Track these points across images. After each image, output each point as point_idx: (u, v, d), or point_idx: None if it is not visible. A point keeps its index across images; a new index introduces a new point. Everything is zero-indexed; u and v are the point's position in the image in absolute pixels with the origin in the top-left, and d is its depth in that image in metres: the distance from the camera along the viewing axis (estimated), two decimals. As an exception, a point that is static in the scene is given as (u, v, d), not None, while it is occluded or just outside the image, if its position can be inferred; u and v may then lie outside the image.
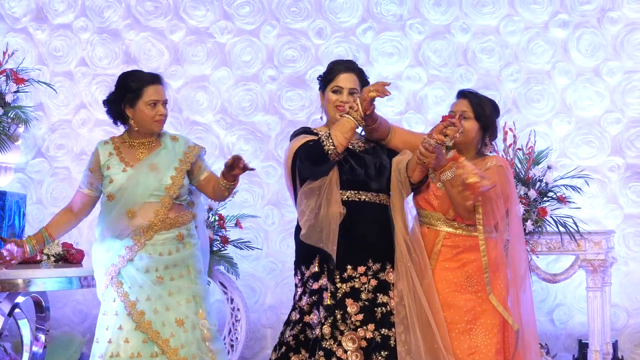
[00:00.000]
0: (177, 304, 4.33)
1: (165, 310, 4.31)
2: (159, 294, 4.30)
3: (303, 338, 4.12)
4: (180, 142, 4.50)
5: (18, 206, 5.36)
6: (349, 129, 4.07)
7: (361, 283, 4.09)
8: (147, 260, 4.31)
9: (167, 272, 4.35)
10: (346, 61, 4.40)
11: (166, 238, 4.35)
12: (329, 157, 4.06)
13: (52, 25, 6.67)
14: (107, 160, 4.40)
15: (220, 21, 6.73)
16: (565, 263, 6.14)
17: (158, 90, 4.39)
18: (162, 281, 4.32)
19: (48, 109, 6.57)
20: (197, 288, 4.44)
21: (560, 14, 6.68)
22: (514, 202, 4.29)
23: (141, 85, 4.37)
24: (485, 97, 4.31)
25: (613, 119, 6.62)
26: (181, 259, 4.39)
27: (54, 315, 5.77)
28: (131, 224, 4.31)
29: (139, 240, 4.30)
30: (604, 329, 5.88)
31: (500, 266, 4.19)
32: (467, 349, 4.09)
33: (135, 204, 4.32)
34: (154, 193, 4.34)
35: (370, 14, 6.76)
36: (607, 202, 6.57)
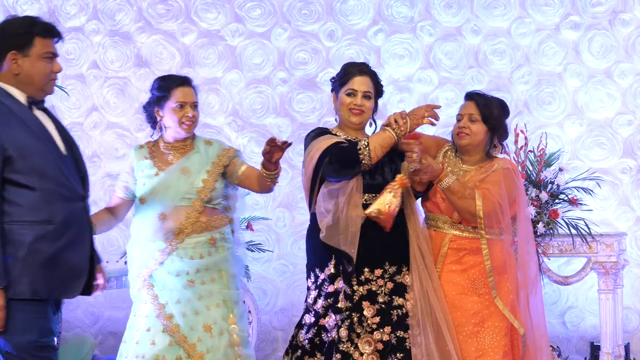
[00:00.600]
0: (207, 308, 4.31)
1: (194, 314, 4.29)
2: (189, 297, 4.29)
3: (318, 341, 4.13)
4: (214, 146, 4.49)
5: (30, 208, 5.36)
6: (388, 144, 4.13)
7: (378, 286, 4.10)
8: (178, 263, 4.30)
9: (198, 276, 4.32)
10: (360, 64, 4.40)
11: (197, 241, 4.33)
12: (361, 166, 4.09)
13: (63, 28, 6.68)
14: (140, 164, 4.42)
15: (232, 24, 6.74)
16: (577, 265, 6.12)
17: (186, 92, 4.38)
18: (193, 285, 4.30)
19: (60, 112, 6.59)
20: (229, 293, 4.40)
21: (571, 16, 6.67)
22: (522, 205, 4.29)
23: (169, 87, 4.38)
24: (493, 98, 4.31)
25: (625, 121, 6.60)
26: (213, 263, 4.36)
27: (66, 317, 5.79)
28: (163, 227, 4.31)
29: (171, 243, 4.29)
30: (615, 331, 5.87)
31: (509, 268, 4.19)
32: (475, 351, 4.09)
33: (166, 207, 4.32)
34: (185, 196, 4.33)
35: (381, 16, 6.76)
36: (618, 204, 6.56)
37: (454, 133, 4.32)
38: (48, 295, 3.48)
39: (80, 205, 3.59)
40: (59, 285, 3.50)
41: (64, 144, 3.61)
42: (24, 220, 3.41)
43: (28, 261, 3.40)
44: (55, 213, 3.45)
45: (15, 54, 3.51)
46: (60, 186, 3.50)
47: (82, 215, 3.60)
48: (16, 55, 3.51)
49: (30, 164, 3.43)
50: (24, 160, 3.43)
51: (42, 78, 3.55)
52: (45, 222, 3.43)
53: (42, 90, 3.59)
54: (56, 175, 3.49)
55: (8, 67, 3.52)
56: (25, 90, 3.54)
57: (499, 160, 4.30)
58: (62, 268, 3.48)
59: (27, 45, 3.51)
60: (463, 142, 4.25)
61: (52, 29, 3.59)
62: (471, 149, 4.27)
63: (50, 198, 3.45)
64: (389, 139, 4.11)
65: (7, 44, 3.52)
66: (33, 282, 3.41)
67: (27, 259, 3.40)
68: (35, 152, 3.46)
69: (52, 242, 3.44)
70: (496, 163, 4.27)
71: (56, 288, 3.50)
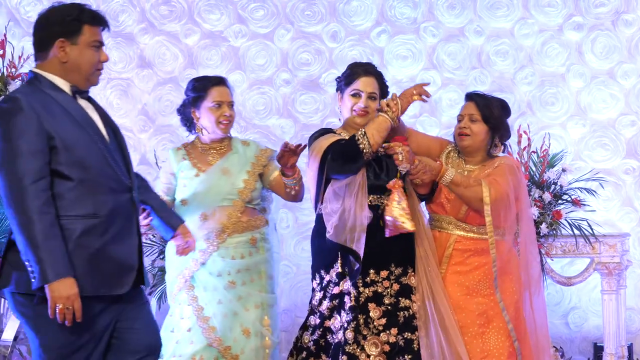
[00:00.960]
0: (245, 309, 4.35)
1: (233, 315, 4.33)
2: (229, 298, 4.32)
3: (324, 343, 4.13)
4: (252, 146, 4.53)
5: (34, 209, 5.37)
6: (384, 128, 4.10)
7: (384, 287, 4.10)
8: (220, 263, 4.34)
9: (238, 276, 4.37)
10: (366, 64, 4.40)
11: (239, 241, 4.38)
12: (363, 155, 4.07)
13: (67, 30, 6.69)
14: (179, 166, 4.45)
15: (235, 25, 6.75)
16: (580, 266, 6.12)
17: (222, 92, 4.43)
18: (234, 286, 4.35)
19: (63, 113, 6.59)
20: (267, 296, 4.45)
21: (574, 17, 6.66)
22: (525, 205, 4.29)
23: (205, 87, 4.42)
24: (493, 98, 4.32)
25: (628, 121, 6.60)
26: (253, 264, 4.41)
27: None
28: (204, 227, 4.36)
29: (212, 243, 4.34)
30: (619, 332, 5.86)
31: (513, 269, 4.19)
32: (480, 352, 4.09)
33: (208, 207, 4.36)
34: (226, 197, 4.38)
35: (384, 17, 6.76)
36: (622, 205, 6.56)
37: (455, 134, 4.33)
38: (94, 291, 3.35)
39: (127, 197, 3.48)
40: (106, 281, 3.39)
41: (108, 134, 3.51)
42: (69, 214, 3.32)
43: (75, 256, 3.30)
44: (101, 206, 3.36)
45: (63, 41, 3.41)
46: (106, 178, 3.40)
47: (129, 207, 3.49)
48: (64, 43, 3.41)
49: (74, 155, 3.34)
50: (68, 152, 3.33)
51: (89, 67, 3.46)
52: (91, 215, 3.34)
53: (88, 80, 3.48)
54: (101, 167, 3.40)
55: (55, 54, 3.43)
56: (71, 79, 3.44)
57: (500, 157, 4.32)
58: (109, 263, 3.38)
59: (76, 33, 3.42)
60: (464, 143, 4.27)
61: (99, 17, 3.51)
62: (472, 150, 4.28)
63: (95, 190, 3.36)
64: (383, 122, 4.11)
65: (54, 31, 3.42)
66: (80, 277, 3.30)
67: (73, 254, 3.30)
68: (79, 143, 3.36)
69: (98, 236, 3.35)
70: (498, 160, 4.28)
71: (103, 284, 3.38)
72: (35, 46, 3.50)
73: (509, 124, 4.40)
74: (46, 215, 3.24)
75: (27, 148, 3.26)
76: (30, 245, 3.23)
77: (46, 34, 3.44)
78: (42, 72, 3.45)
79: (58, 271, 3.22)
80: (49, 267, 3.21)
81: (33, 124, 3.29)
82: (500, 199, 4.10)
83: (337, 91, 4.36)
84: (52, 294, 3.22)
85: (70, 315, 3.24)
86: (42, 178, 3.27)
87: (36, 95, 3.38)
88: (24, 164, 3.25)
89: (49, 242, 3.22)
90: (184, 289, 4.36)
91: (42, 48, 3.46)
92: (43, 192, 3.26)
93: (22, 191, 3.25)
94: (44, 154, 3.28)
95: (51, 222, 3.25)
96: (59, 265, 3.23)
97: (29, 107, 3.31)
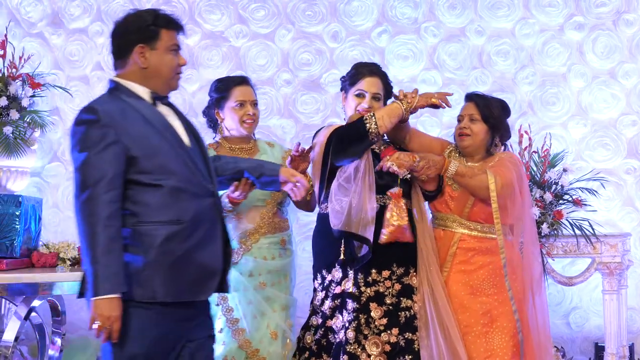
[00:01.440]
0: (273, 311, 4.37)
1: (262, 316, 4.34)
2: (259, 299, 4.34)
3: (325, 343, 4.12)
4: (277, 148, 4.59)
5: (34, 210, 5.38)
6: (396, 114, 4.09)
7: (385, 287, 4.10)
8: (251, 263, 4.35)
9: (268, 278, 4.39)
10: (371, 64, 4.40)
11: (271, 242, 4.41)
12: (368, 135, 4.04)
13: (67, 30, 6.69)
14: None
15: (236, 25, 6.74)
16: (581, 266, 6.11)
17: (245, 91, 4.47)
18: (264, 287, 4.37)
19: (64, 114, 6.59)
20: (289, 298, 4.49)
21: (575, 17, 6.66)
22: (527, 204, 4.30)
23: (228, 87, 4.45)
24: (493, 99, 4.33)
25: (629, 121, 6.60)
26: (282, 266, 4.45)
27: (70, 319, 5.78)
28: (238, 228, 4.38)
29: (245, 243, 4.36)
30: (620, 332, 5.86)
31: (516, 268, 4.19)
32: (484, 352, 4.09)
33: (242, 207, 4.33)
34: (260, 197, 4.39)
35: (385, 17, 6.76)
36: (623, 205, 6.55)
37: (456, 134, 4.35)
38: (178, 297, 3.37)
39: (210, 202, 3.50)
40: (189, 287, 3.40)
41: (190, 139, 3.54)
42: (153, 220, 3.34)
43: (158, 262, 3.32)
44: (184, 211, 3.38)
45: (142, 47, 3.45)
46: (188, 183, 3.42)
47: (213, 212, 3.51)
48: (143, 49, 3.45)
49: (155, 162, 3.36)
50: (148, 159, 3.36)
51: (169, 71, 3.50)
52: (174, 221, 3.36)
53: (168, 84, 3.53)
54: (183, 173, 3.42)
55: (134, 61, 3.47)
56: (152, 85, 3.49)
57: (500, 152, 4.34)
58: (192, 269, 3.40)
59: (154, 38, 3.46)
60: (465, 143, 4.29)
61: (175, 21, 3.56)
62: (473, 150, 4.30)
63: (178, 196, 3.38)
64: (396, 109, 4.10)
65: (133, 38, 3.46)
66: (165, 283, 3.32)
67: (157, 261, 3.32)
68: (159, 150, 3.39)
69: (182, 241, 3.37)
70: (498, 155, 4.31)
71: (187, 289, 3.40)
72: (113, 55, 3.54)
73: (510, 124, 4.40)
74: (110, 229, 3.26)
75: (100, 158, 3.29)
76: (89, 256, 3.25)
77: (125, 42, 3.48)
78: (121, 81, 3.50)
79: (108, 288, 3.24)
80: (101, 282, 3.23)
81: (109, 134, 3.31)
82: (507, 186, 4.11)
83: (342, 90, 4.36)
84: (95, 310, 3.24)
85: (107, 334, 3.26)
86: (113, 189, 3.29)
87: (115, 104, 3.42)
88: (96, 175, 3.28)
89: (107, 257, 3.24)
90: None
91: (121, 56, 3.51)
92: (112, 204, 3.28)
93: (91, 201, 3.27)
94: (118, 165, 3.31)
95: (113, 236, 3.27)
96: (111, 282, 3.24)
97: (107, 118, 3.33)
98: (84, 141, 3.30)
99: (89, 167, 3.29)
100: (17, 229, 5.10)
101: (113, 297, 3.23)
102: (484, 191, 4.10)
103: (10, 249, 5.01)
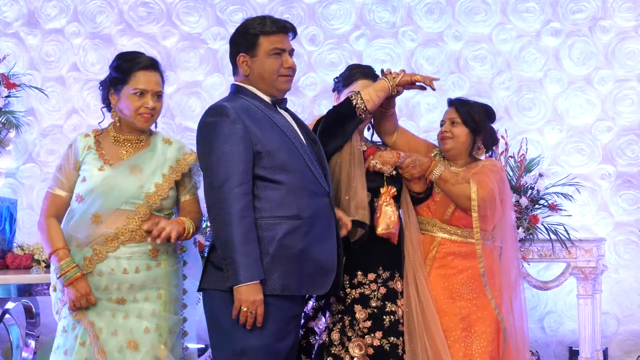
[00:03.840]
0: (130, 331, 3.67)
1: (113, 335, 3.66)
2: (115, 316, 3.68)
3: (305, 344, 4.10)
4: (174, 147, 3.86)
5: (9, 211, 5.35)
6: (380, 88, 4.05)
7: (371, 290, 4.08)
8: (107, 275, 3.66)
9: (130, 293, 3.69)
10: (365, 66, 4.39)
11: (134, 252, 3.69)
12: (356, 112, 4.01)
13: (43, 30, 6.65)
14: (84, 155, 3.77)
15: (213, 27, 6.72)
16: (556, 270, 6.15)
17: (150, 79, 3.75)
18: (124, 303, 3.69)
19: (39, 114, 6.55)
20: (166, 317, 3.76)
21: (552, 23, 6.70)
22: (508, 208, 4.31)
23: (130, 69, 3.74)
24: (476, 104, 4.34)
25: (604, 127, 6.64)
26: (152, 280, 3.72)
27: (44, 321, 5.74)
28: (94, 232, 3.67)
29: (100, 251, 3.66)
30: (594, 336, 5.89)
31: (495, 273, 4.20)
32: (462, 356, 4.09)
33: (104, 209, 3.66)
34: (130, 200, 3.68)
35: (363, 21, 6.76)
36: (598, 210, 6.59)
37: (438, 138, 4.36)
38: (298, 290, 3.53)
39: (326, 201, 3.65)
40: (309, 281, 3.55)
41: (306, 141, 3.68)
42: (274, 215, 3.48)
43: (278, 256, 3.47)
44: (303, 208, 3.52)
45: (243, 55, 3.65)
46: (307, 181, 3.57)
47: (328, 210, 3.65)
48: (245, 57, 3.65)
49: (277, 159, 3.51)
50: (271, 156, 3.50)
51: (272, 75, 3.64)
52: (295, 217, 3.51)
53: (274, 87, 3.67)
54: (303, 171, 3.56)
55: (241, 69, 3.67)
56: (262, 90, 3.66)
57: (484, 160, 4.35)
58: (310, 263, 3.54)
59: (253, 46, 3.63)
60: (446, 146, 4.30)
61: (279, 25, 3.69)
62: (455, 153, 4.31)
63: (298, 193, 3.53)
64: (381, 84, 4.05)
65: (236, 48, 3.68)
66: (283, 277, 3.47)
67: (277, 255, 3.47)
68: (282, 148, 3.53)
69: (301, 237, 3.51)
70: (482, 163, 4.32)
71: (305, 284, 3.54)
72: (231, 63, 3.75)
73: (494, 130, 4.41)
74: (245, 219, 3.42)
75: (231, 153, 3.44)
76: (227, 247, 3.40)
77: (232, 52, 3.71)
78: (242, 84, 3.69)
79: (249, 275, 3.39)
80: (242, 269, 3.38)
81: (238, 130, 3.47)
82: (488, 198, 4.11)
83: (334, 91, 4.35)
84: (240, 296, 3.40)
85: (252, 319, 3.41)
86: (244, 182, 3.44)
87: (240, 102, 3.57)
88: (227, 168, 3.43)
89: (245, 246, 3.39)
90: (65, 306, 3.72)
91: (233, 64, 3.73)
92: (244, 197, 3.43)
93: (224, 194, 3.42)
94: (248, 160, 3.46)
95: (249, 226, 3.42)
96: (252, 270, 3.40)
97: (235, 114, 3.49)
98: (215, 137, 3.44)
99: (222, 162, 3.44)
100: (-9, 230, 5.07)
101: (255, 284, 3.40)
102: (464, 200, 4.11)
103: (-16, 251, 4.97)
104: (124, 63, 3.76)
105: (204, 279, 3.61)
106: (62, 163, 3.82)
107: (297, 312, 3.65)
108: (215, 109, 3.56)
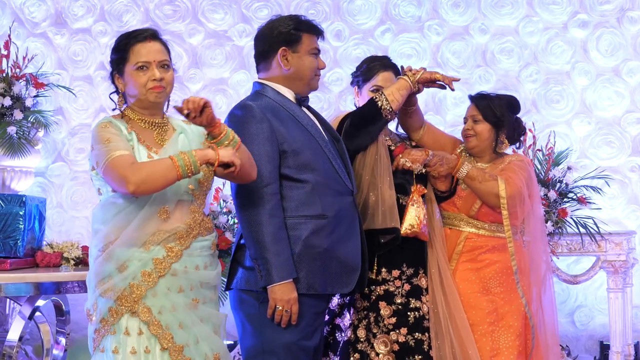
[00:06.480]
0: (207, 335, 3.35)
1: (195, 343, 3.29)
2: (193, 320, 3.31)
3: (332, 340, 4.10)
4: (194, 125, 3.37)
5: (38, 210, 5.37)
6: (403, 87, 4.04)
7: (395, 287, 4.07)
8: (181, 275, 3.28)
9: (200, 293, 3.35)
10: (382, 57, 4.35)
11: (203, 246, 3.37)
12: (382, 113, 3.99)
13: (71, 30, 6.69)
14: (129, 139, 3.31)
15: (239, 24, 6.74)
16: (586, 264, 6.11)
17: (150, 49, 3.33)
18: (197, 305, 3.34)
19: (68, 113, 6.59)
20: (218, 316, 3.46)
21: (579, 14, 6.65)
22: (536, 202, 4.29)
23: (127, 45, 3.34)
24: (497, 97, 4.30)
25: (633, 119, 6.59)
26: (213, 277, 3.42)
27: (74, 319, 5.77)
28: (163, 228, 3.27)
29: (173, 250, 3.27)
30: (625, 330, 5.85)
31: (524, 269, 4.18)
32: (489, 351, 4.07)
33: (170, 202, 3.28)
34: (186, 189, 3.31)
35: (388, 16, 6.75)
36: (627, 203, 6.54)
37: (462, 136, 4.35)
38: (323, 289, 3.56)
39: (350, 200, 3.68)
40: (334, 280, 3.58)
41: (329, 140, 3.71)
42: (299, 215, 3.51)
43: (303, 255, 3.50)
44: (328, 207, 3.55)
45: (285, 50, 3.67)
46: (332, 180, 3.60)
47: (352, 210, 3.68)
48: (286, 52, 3.68)
49: (302, 158, 3.53)
50: (296, 155, 3.53)
51: (310, 72, 3.71)
52: (320, 216, 3.54)
53: (309, 85, 3.74)
54: (327, 170, 3.59)
55: (278, 64, 3.68)
56: (294, 86, 3.70)
57: (510, 155, 4.33)
58: (335, 262, 3.57)
59: (296, 42, 3.69)
60: (470, 144, 4.29)
61: (315, 27, 3.77)
62: (479, 150, 4.29)
63: (323, 192, 3.56)
64: (402, 82, 4.04)
65: (277, 41, 3.68)
66: (308, 276, 3.50)
67: (302, 254, 3.50)
68: (306, 147, 3.56)
69: (326, 236, 3.54)
70: (509, 158, 4.30)
71: (330, 282, 3.57)
72: (257, 58, 3.75)
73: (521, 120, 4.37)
74: (275, 219, 3.44)
75: (259, 153, 3.44)
76: (258, 247, 3.41)
77: (269, 45, 3.70)
78: (267, 82, 3.70)
79: (282, 274, 3.41)
80: (275, 269, 3.40)
81: (265, 129, 3.49)
82: (517, 193, 4.10)
83: (354, 85, 4.32)
84: (274, 295, 3.42)
85: (287, 317, 3.44)
86: (272, 182, 3.46)
87: (265, 101, 3.59)
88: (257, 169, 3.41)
89: (276, 245, 3.41)
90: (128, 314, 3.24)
91: (265, 59, 3.72)
92: (273, 196, 3.46)
93: (253, 194, 3.44)
94: (274, 159, 3.48)
95: (279, 225, 3.44)
96: (284, 268, 3.42)
97: (261, 114, 3.52)
98: (241, 136, 3.37)
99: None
100: (21, 228, 5.09)
101: (288, 282, 3.42)
102: (492, 197, 4.09)
103: (14, 249, 5.00)
104: (121, 41, 3.37)
105: (230, 279, 3.62)
106: (108, 136, 3.23)
107: (322, 308, 3.68)
108: (242, 108, 3.57)
